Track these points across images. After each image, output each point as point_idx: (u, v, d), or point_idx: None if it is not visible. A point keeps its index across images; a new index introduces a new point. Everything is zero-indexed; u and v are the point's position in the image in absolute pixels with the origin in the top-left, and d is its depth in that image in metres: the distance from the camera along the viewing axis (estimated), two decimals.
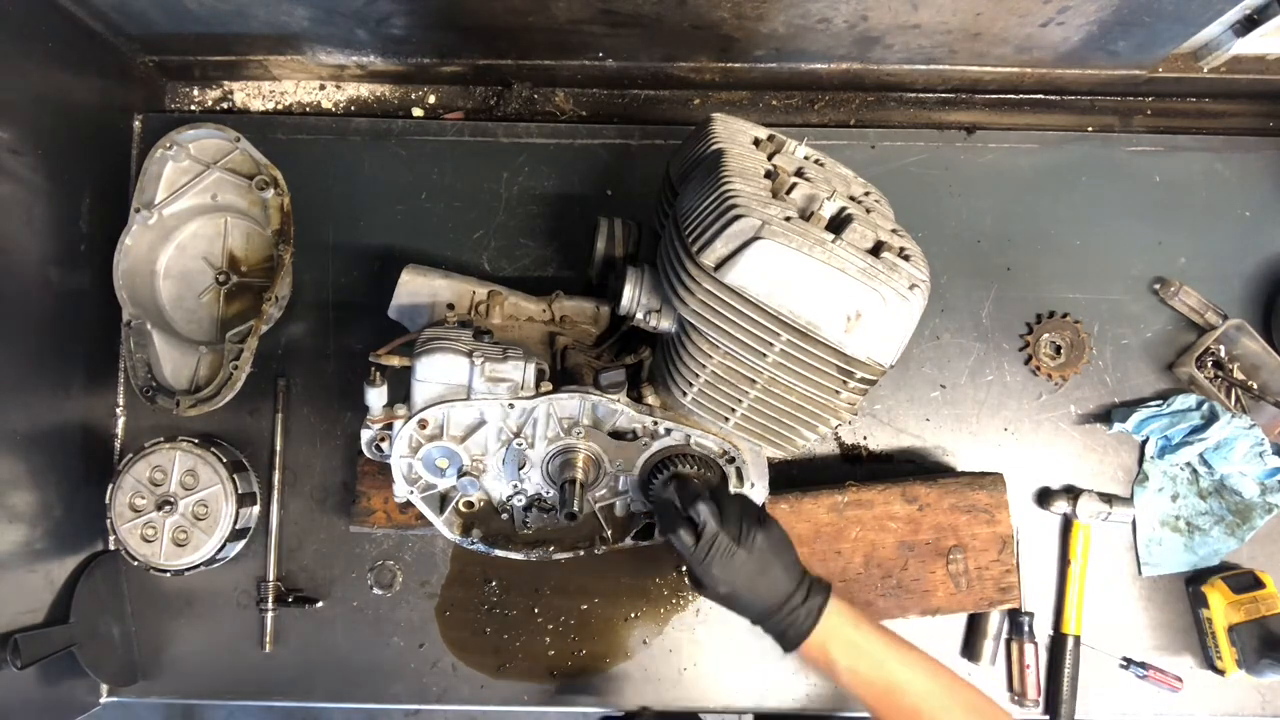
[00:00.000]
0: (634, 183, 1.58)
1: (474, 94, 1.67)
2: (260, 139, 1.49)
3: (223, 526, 1.42)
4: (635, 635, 1.50)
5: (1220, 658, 1.44)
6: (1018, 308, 1.56)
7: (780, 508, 1.40)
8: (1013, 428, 1.54)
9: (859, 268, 1.01)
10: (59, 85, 1.38)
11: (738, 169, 1.08)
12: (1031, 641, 1.46)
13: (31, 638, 1.27)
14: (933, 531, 1.40)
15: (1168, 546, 1.50)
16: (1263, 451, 1.46)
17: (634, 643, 1.50)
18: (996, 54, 1.53)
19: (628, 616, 1.50)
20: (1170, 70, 1.57)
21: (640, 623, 1.50)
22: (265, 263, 1.54)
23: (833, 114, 1.67)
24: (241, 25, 1.46)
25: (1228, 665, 1.43)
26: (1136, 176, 1.59)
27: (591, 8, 1.37)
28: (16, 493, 1.31)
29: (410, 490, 1.24)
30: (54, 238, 1.37)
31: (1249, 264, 1.57)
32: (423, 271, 1.35)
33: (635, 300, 1.16)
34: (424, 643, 1.50)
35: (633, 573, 1.50)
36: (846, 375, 1.06)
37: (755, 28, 1.43)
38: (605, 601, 1.50)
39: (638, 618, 1.50)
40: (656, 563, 1.50)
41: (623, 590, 1.50)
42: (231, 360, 1.42)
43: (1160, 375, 1.55)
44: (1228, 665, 1.43)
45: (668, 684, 1.49)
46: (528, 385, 1.16)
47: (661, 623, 1.50)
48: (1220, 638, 1.43)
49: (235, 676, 1.50)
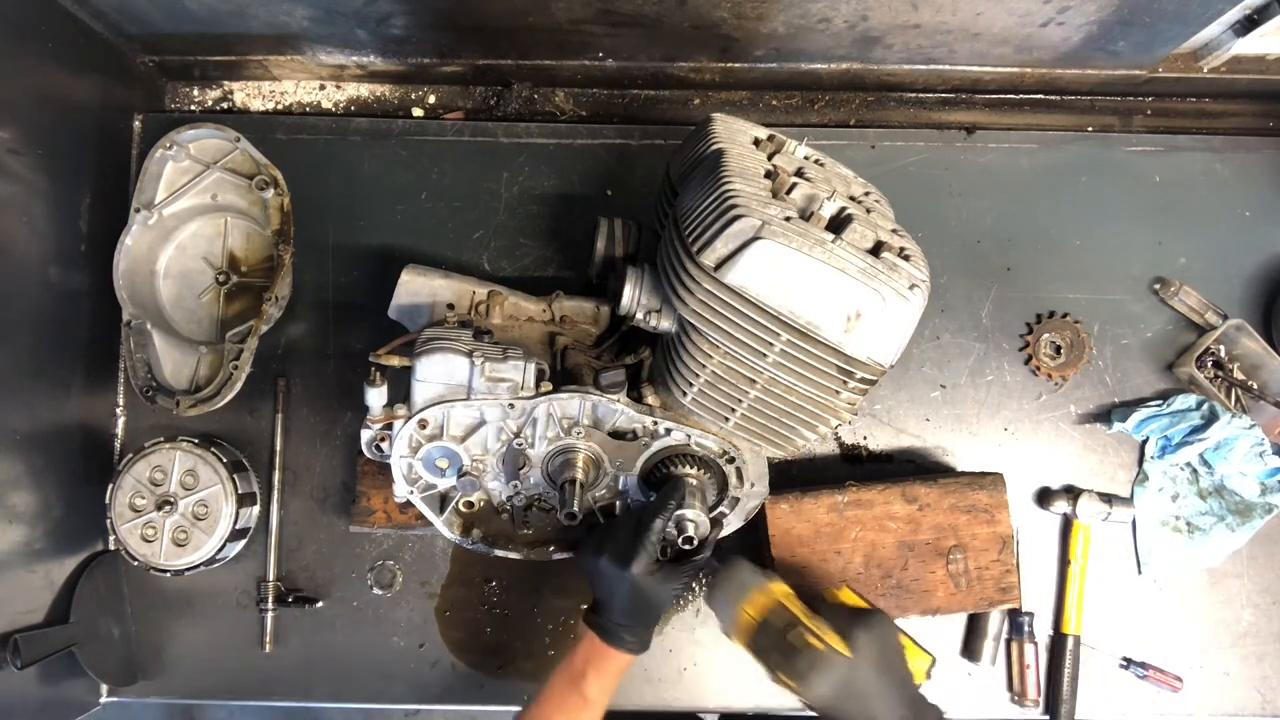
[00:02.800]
0: (634, 183, 1.58)
1: (474, 94, 1.67)
2: (260, 139, 1.49)
3: (223, 526, 1.42)
4: None
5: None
6: (1018, 308, 1.56)
7: (780, 508, 1.40)
8: (1013, 428, 1.54)
9: (859, 268, 1.01)
10: (59, 85, 1.38)
11: (738, 169, 1.08)
12: (1031, 641, 1.46)
13: (31, 638, 1.27)
14: (933, 531, 1.40)
15: (1168, 546, 1.50)
16: (1263, 451, 1.46)
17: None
18: (996, 54, 1.53)
19: None
20: (1170, 70, 1.57)
21: None
22: (265, 263, 1.54)
23: (833, 114, 1.67)
24: (241, 25, 1.46)
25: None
26: (1136, 176, 1.59)
27: (591, 8, 1.37)
28: (16, 493, 1.31)
29: (410, 490, 1.24)
30: (54, 238, 1.37)
31: (1249, 264, 1.57)
32: (423, 271, 1.35)
33: (635, 300, 1.16)
34: (424, 643, 1.49)
35: None
36: (846, 375, 1.06)
37: (755, 28, 1.43)
38: None
39: None
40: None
41: None
42: (231, 360, 1.42)
43: (1160, 375, 1.55)
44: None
45: (668, 684, 1.49)
46: (528, 385, 1.16)
47: (661, 623, 1.50)
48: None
49: (235, 676, 1.50)
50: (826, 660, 1.04)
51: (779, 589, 1.14)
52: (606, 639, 1.15)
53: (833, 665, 1.04)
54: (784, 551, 1.39)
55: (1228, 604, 1.51)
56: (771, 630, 1.09)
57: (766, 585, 1.14)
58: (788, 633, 1.07)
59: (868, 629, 1.08)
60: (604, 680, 1.15)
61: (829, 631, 1.07)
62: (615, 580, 1.13)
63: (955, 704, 1.48)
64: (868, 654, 1.06)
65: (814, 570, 1.39)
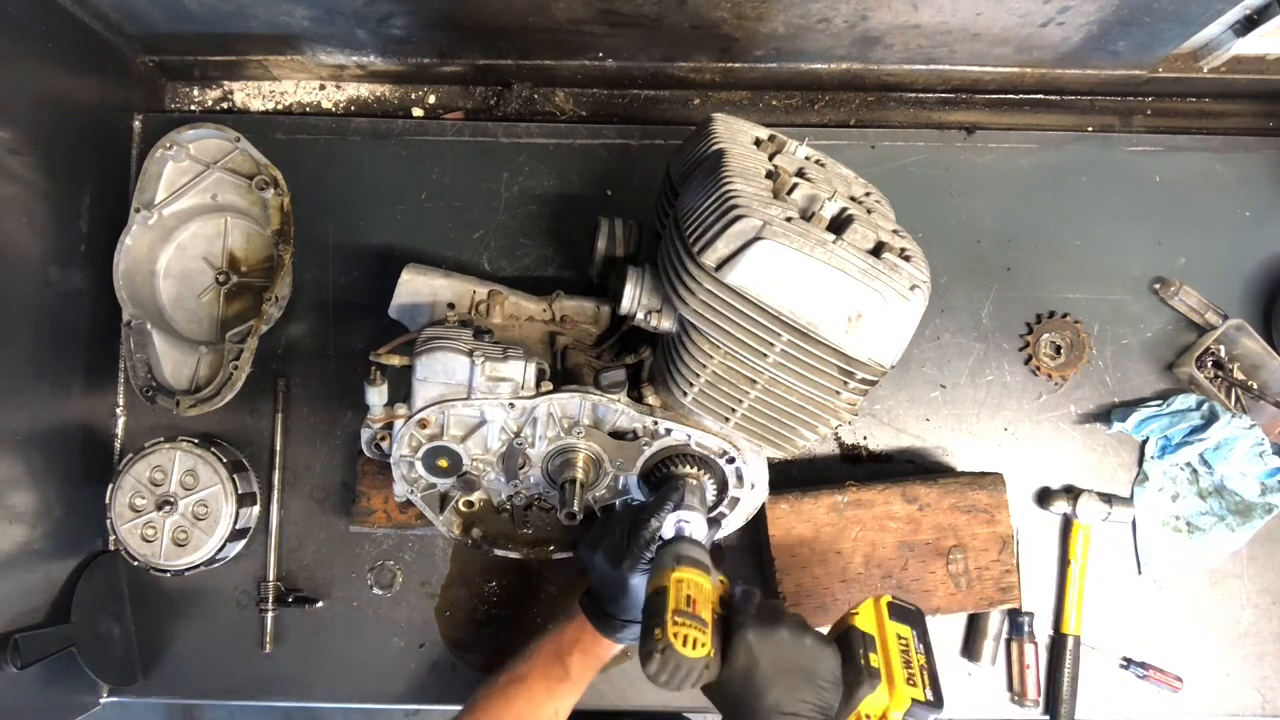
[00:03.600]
0: (634, 183, 1.58)
1: (474, 94, 1.67)
2: (260, 139, 1.49)
3: (223, 526, 1.42)
4: None
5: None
6: (1018, 308, 1.56)
7: (780, 508, 1.40)
8: (1013, 428, 1.54)
9: (860, 268, 1.01)
10: (59, 85, 1.38)
11: (738, 169, 1.08)
12: (1031, 641, 1.46)
13: (31, 638, 1.27)
14: (933, 531, 1.40)
15: (1168, 546, 1.50)
16: (1263, 451, 1.46)
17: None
18: (996, 54, 1.53)
19: None
20: (1170, 70, 1.57)
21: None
22: (265, 263, 1.54)
23: (833, 114, 1.67)
24: (241, 25, 1.46)
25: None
26: (1136, 176, 1.59)
27: (591, 8, 1.37)
28: (16, 493, 1.30)
29: (410, 490, 1.24)
30: (54, 238, 1.37)
31: (1249, 264, 1.57)
32: (423, 271, 1.35)
33: (636, 300, 1.16)
34: (424, 643, 1.49)
35: None
36: (847, 376, 1.06)
37: (755, 28, 1.43)
38: None
39: None
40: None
41: None
42: (231, 360, 1.42)
43: (1160, 375, 1.55)
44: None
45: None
46: (528, 385, 1.16)
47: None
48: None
49: (235, 676, 1.50)
50: (658, 655, 0.96)
51: (681, 576, 1.03)
52: (598, 625, 1.17)
53: (665, 660, 0.95)
54: (784, 551, 1.39)
55: (1228, 604, 1.51)
56: (652, 605, 1.01)
57: (676, 569, 1.04)
58: (651, 614, 1.00)
59: (759, 635, 0.99)
60: (588, 660, 1.18)
61: (693, 630, 0.97)
62: (608, 574, 1.15)
63: (955, 704, 1.48)
64: (741, 660, 0.98)
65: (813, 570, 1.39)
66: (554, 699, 1.17)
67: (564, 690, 1.17)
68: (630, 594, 1.13)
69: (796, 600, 1.38)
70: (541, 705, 1.17)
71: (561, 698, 1.18)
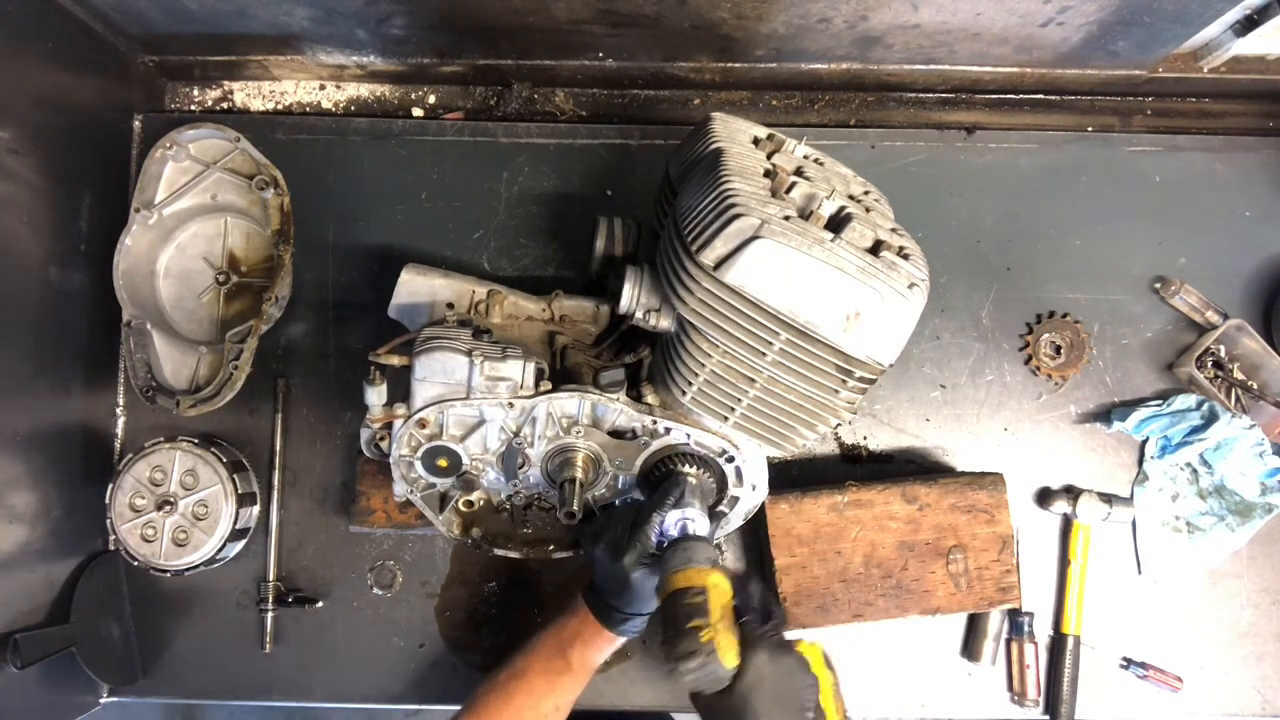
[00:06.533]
0: (634, 183, 1.58)
1: (474, 94, 1.67)
2: (260, 139, 1.50)
3: (223, 526, 1.42)
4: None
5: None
6: (1018, 308, 1.56)
7: (780, 508, 1.40)
8: (1013, 428, 1.54)
9: (858, 267, 1.01)
10: (59, 85, 1.38)
11: (737, 168, 1.08)
12: (1031, 641, 1.46)
13: (31, 638, 1.27)
14: (933, 531, 1.40)
15: (1168, 546, 1.50)
16: (1263, 451, 1.46)
17: (633, 643, 1.49)
18: (996, 54, 1.53)
19: None
20: (1170, 70, 1.57)
21: None
22: (265, 263, 1.54)
23: (833, 114, 1.67)
24: (241, 25, 1.46)
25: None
26: (1136, 176, 1.59)
27: (591, 8, 1.37)
28: (16, 493, 1.31)
29: (410, 490, 1.24)
30: (54, 238, 1.37)
31: (1249, 264, 1.57)
32: (423, 271, 1.35)
33: (635, 299, 1.16)
34: (424, 643, 1.49)
35: None
36: (846, 374, 1.06)
37: (755, 28, 1.43)
38: None
39: None
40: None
41: None
42: (231, 360, 1.42)
43: (1160, 375, 1.55)
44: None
45: (668, 684, 1.49)
46: (527, 384, 1.16)
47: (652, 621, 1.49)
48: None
49: (235, 676, 1.50)
50: (703, 657, 0.97)
51: (717, 581, 1.06)
52: (600, 617, 1.18)
53: (705, 665, 0.97)
54: (784, 551, 1.39)
55: (1228, 604, 1.51)
56: (681, 604, 1.02)
57: (711, 571, 1.06)
58: (691, 613, 1.01)
59: (771, 660, 1.00)
60: (590, 653, 1.18)
61: (729, 639, 1.00)
62: (609, 569, 1.15)
63: (955, 704, 1.48)
64: (751, 679, 0.99)
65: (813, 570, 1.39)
66: (554, 694, 1.17)
67: (564, 684, 1.18)
68: (633, 588, 1.13)
69: (796, 600, 1.38)
70: (541, 701, 1.17)
71: (562, 693, 1.18)
